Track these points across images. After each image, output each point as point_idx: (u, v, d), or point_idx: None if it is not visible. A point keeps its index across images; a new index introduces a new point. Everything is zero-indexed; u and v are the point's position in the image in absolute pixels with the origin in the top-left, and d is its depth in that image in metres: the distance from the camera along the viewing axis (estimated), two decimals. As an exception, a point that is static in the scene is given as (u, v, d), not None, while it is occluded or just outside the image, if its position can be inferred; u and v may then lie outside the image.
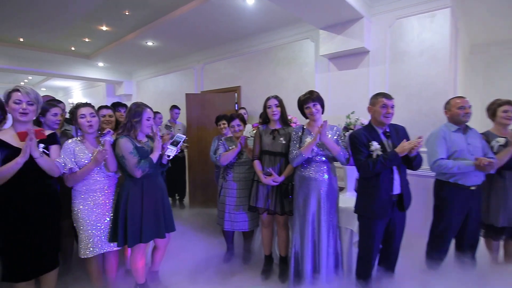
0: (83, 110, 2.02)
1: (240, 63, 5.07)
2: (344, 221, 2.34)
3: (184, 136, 2.24)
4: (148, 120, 2.12)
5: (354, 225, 2.25)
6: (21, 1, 3.62)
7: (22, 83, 9.68)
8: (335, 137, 2.21)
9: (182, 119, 5.01)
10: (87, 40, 5.20)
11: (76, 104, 2.13)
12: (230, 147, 2.75)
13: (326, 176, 2.18)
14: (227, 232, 2.89)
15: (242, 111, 4.30)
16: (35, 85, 9.93)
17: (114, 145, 2.06)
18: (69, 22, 4.32)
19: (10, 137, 1.78)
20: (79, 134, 2.11)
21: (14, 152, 1.73)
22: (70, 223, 2.14)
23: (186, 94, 4.78)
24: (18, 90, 1.76)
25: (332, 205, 2.19)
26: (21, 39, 5.12)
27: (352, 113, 2.72)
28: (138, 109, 2.11)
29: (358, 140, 1.97)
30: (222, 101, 4.74)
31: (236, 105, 4.89)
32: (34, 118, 1.87)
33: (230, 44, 5.08)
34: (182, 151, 4.74)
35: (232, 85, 5.19)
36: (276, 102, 2.41)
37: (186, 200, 4.92)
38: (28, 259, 1.82)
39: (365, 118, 2.62)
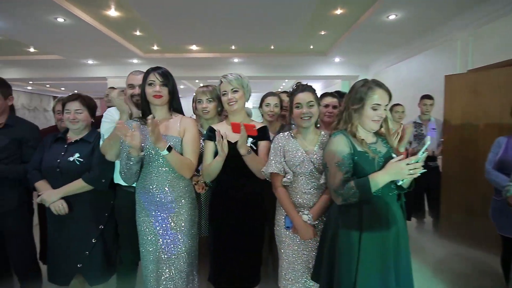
0: (299, 97, 1.55)
1: None
2: None
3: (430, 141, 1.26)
4: (375, 109, 1.30)
5: None
6: (269, 10, 3.85)
7: (279, 89, 11.80)
8: None
9: (435, 113, 3.54)
10: (323, 33, 5.01)
11: (294, 87, 1.64)
12: None
13: None
14: None
15: None
16: (289, 89, 11.72)
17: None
18: (305, 17, 4.21)
19: (226, 128, 1.65)
20: (293, 127, 1.68)
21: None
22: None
23: (446, 76, 3.27)
24: (221, 82, 1.65)
25: None
26: (272, 47, 5.80)
27: None
28: (362, 88, 1.32)
29: None
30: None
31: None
32: (245, 102, 1.70)
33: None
34: (434, 159, 3.32)
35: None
36: None
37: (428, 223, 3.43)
38: (232, 266, 1.66)
39: None
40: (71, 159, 1.74)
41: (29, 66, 7.07)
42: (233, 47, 5.83)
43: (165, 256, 1.55)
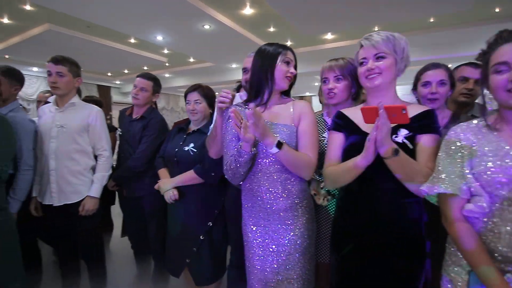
0: (506, 51, 0.86)
1: None
2: None
3: None
4: None
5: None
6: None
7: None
8: None
9: None
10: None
11: (492, 39, 0.93)
12: None
13: None
14: None
15: None
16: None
17: None
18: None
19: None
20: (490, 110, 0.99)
21: (362, 140, 1.08)
22: None
23: None
24: (361, 46, 1.16)
25: None
26: (432, 19, 4.48)
27: None
28: None
29: None
30: None
31: None
32: (397, 76, 1.14)
33: None
34: None
35: None
36: None
37: None
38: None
39: None
40: (186, 148, 1.72)
41: (191, 74, 8.54)
42: (376, 29, 4.90)
43: (276, 278, 1.23)
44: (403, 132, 1.05)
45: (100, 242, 2.02)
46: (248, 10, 4.13)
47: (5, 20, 4.52)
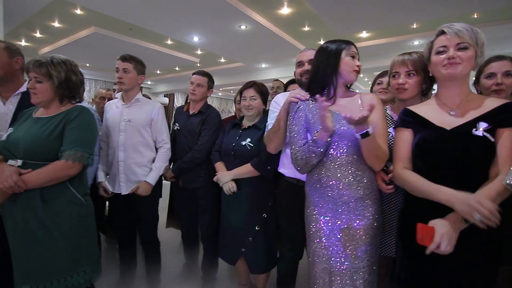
0: None
1: None
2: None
3: None
4: None
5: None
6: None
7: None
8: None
9: None
10: None
11: None
12: None
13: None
14: None
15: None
16: None
17: None
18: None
19: (433, 110, 1.17)
20: None
21: (436, 134, 1.10)
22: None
23: None
24: (443, 32, 1.11)
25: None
26: (475, 15, 4.29)
27: None
28: None
29: None
30: None
31: None
32: (472, 69, 1.10)
33: None
34: None
35: None
36: None
37: None
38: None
39: None
40: (243, 143, 1.81)
41: (220, 74, 8.71)
42: (414, 26, 4.76)
43: (342, 267, 1.24)
44: (483, 125, 1.02)
45: (155, 229, 2.13)
46: (285, 10, 4.18)
47: (56, 24, 4.86)
